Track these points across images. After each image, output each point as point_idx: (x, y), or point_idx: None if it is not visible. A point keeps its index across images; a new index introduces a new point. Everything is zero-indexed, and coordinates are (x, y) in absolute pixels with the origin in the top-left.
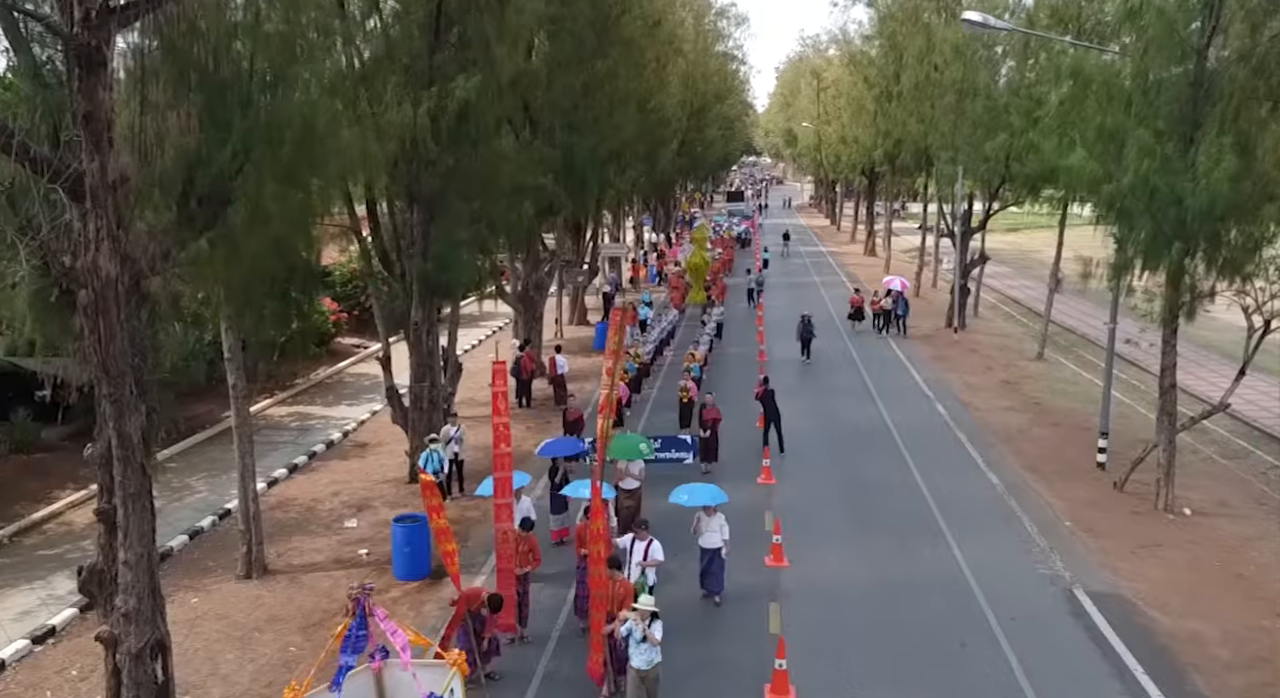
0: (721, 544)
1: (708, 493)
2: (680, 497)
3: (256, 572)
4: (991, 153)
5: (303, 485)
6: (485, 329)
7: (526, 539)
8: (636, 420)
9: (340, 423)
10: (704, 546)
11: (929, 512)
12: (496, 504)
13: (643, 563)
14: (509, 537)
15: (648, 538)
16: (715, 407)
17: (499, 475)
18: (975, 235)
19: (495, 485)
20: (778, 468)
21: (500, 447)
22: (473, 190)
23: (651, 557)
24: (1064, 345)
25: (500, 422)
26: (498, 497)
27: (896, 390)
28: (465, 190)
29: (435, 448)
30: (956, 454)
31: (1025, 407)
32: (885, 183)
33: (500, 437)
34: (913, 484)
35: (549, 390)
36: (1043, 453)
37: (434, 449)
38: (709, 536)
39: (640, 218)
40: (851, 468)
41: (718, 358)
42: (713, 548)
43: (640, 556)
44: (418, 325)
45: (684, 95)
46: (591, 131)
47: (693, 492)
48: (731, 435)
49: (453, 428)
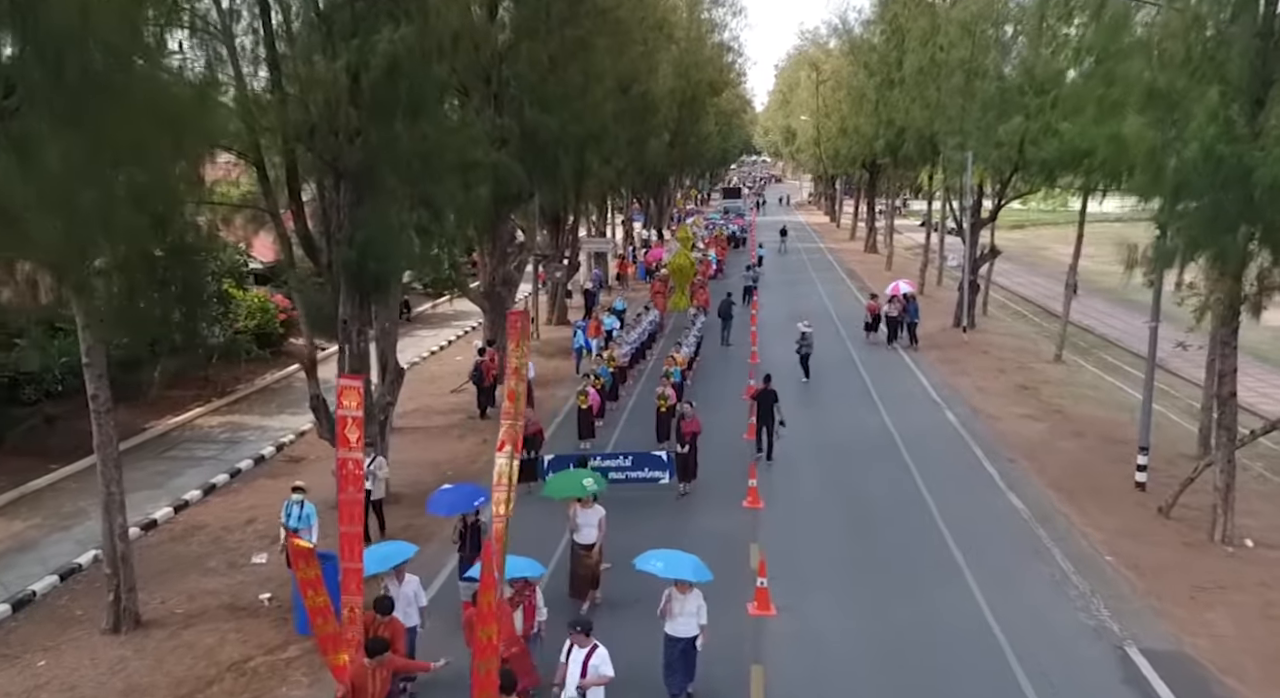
0: (697, 632)
1: (687, 565)
2: (652, 564)
3: (126, 625)
4: (1004, 137)
5: (217, 510)
6: (458, 328)
7: (388, 624)
8: (610, 432)
9: (277, 434)
10: (672, 633)
11: (942, 543)
12: (344, 569)
13: (583, 684)
14: (355, 618)
15: (589, 645)
16: (695, 417)
17: (347, 531)
18: (983, 229)
19: (341, 545)
20: (766, 487)
21: (348, 491)
22: (411, 167)
23: (594, 673)
24: (1082, 347)
25: (349, 457)
26: (344, 558)
27: (901, 396)
28: (401, 166)
29: (297, 499)
30: (971, 470)
31: (1045, 414)
32: (887, 176)
33: (348, 478)
34: (923, 508)
35: None
36: (1069, 469)
37: (294, 500)
38: (681, 621)
39: (630, 212)
40: (851, 487)
41: (703, 360)
42: (685, 638)
43: (578, 671)
44: (346, 324)
45: (676, 83)
46: (562, 108)
47: (669, 560)
48: (715, 449)
49: (365, 459)
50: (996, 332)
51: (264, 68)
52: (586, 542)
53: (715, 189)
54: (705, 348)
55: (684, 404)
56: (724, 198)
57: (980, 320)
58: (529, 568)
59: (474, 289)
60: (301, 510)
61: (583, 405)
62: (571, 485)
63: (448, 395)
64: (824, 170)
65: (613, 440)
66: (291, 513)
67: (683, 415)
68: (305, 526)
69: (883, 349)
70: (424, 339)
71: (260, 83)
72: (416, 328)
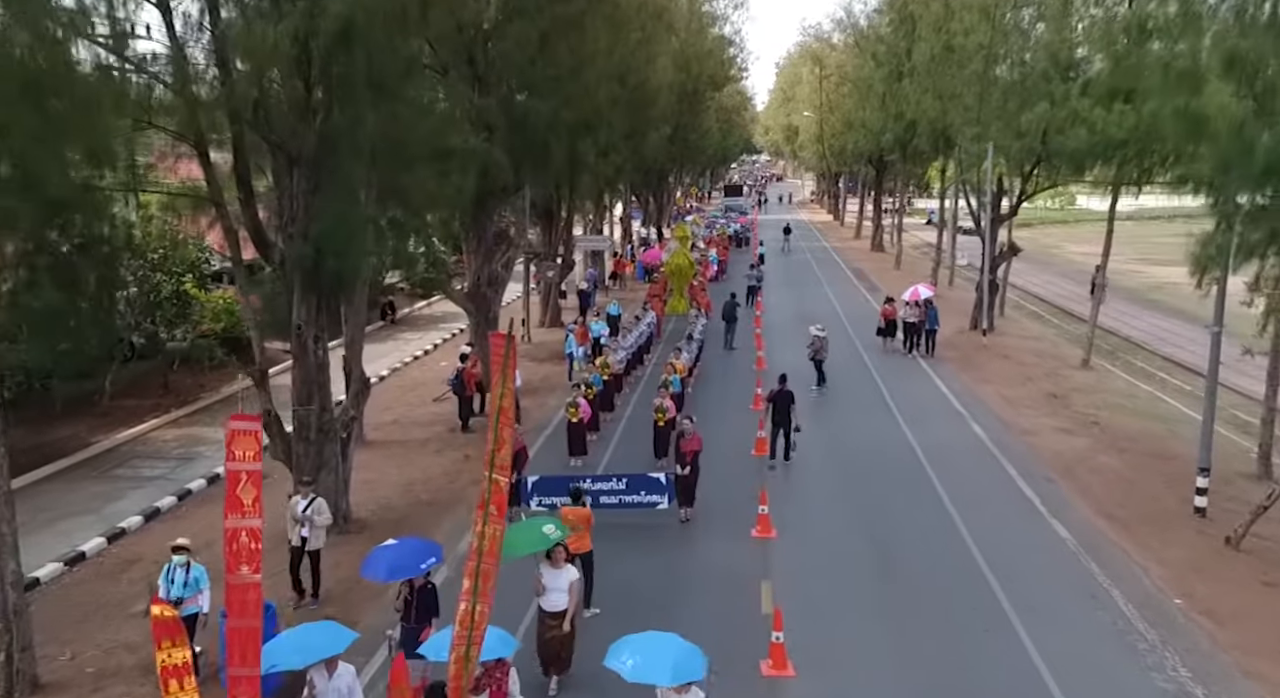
0: None
1: (665, 659)
2: (619, 661)
3: (20, 690)
4: (1027, 126)
5: (158, 539)
6: (445, 331)
7: None
8: (603, 448)
9: None
10: None
11: (982, 582)
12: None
13: None
14: None
15: None
16: (696, 434)
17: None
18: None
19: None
20: (778, 512)
21: (238, 571)
22: (375, 152)
23: None
24: (1108, 350)
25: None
26: (233, 662)
27: (921, 406)
28: (364, 151)
29: (180, 562)
30: (1005, 493)
31: (1080, 427)
32: (895, 172)
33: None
34: (955, 539)
35: None
36: (1116, 491)
37: (177, 563)
38: None
39: (629, 210)
40: (873, 512)
41: (705, 366)
42: None
43: None
44: (300, 330)
45: (675, 77)
46: (553, 93)
47: (645, 655)
48: (721, 467)
49: (302, 501)
50: (1016, 334)
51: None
52: (555, 609)
53: (716, 187)
54: (707, 353)
55: (684, 420)
56: (725, 195)
57: (997, 322)
58: (500, 645)
59: (458, 290)
60: (188, 575)
61: (573, 418)
62: (529, 539)
63: (429, 405)
64: (827, 167)
65: (606, 457)
66: (176, 579)
67: (682, 433)
68: (191, 593)
69: (898, 355)
70: (409, 343)
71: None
72: (401, 330)
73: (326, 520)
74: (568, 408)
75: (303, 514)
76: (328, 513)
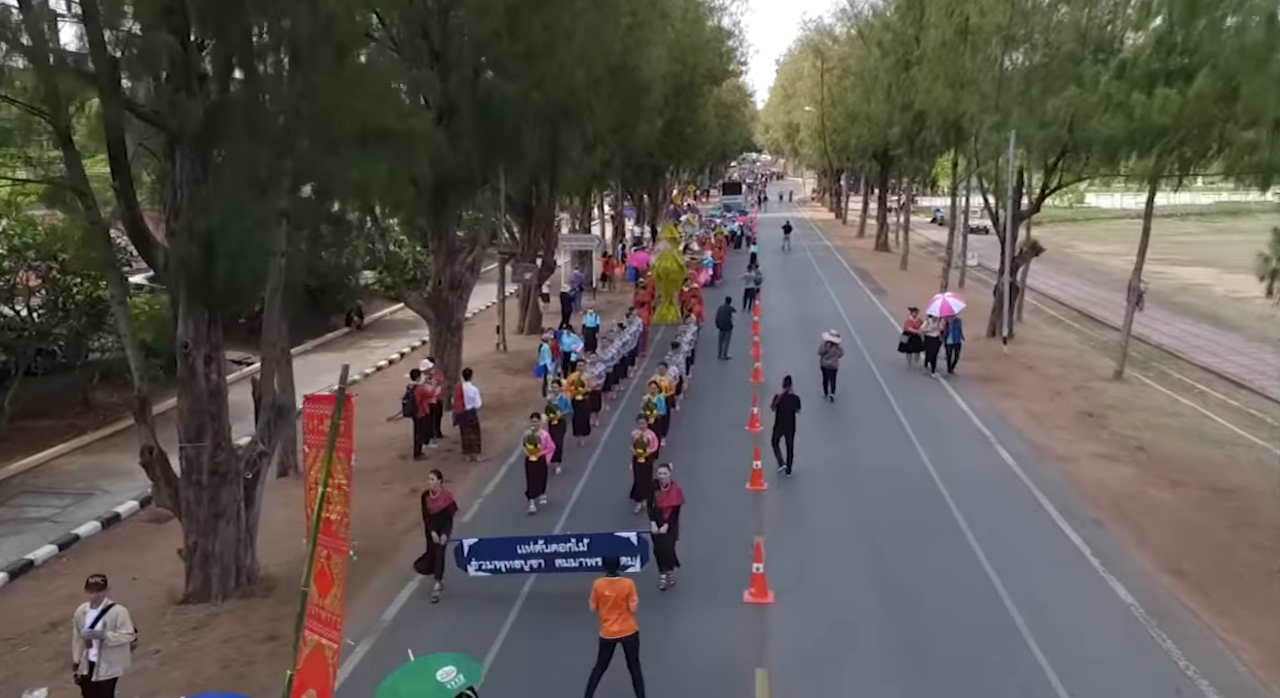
0: None
1: None
2: None
3: None
4: (1053, 113)
5: (19, 602)
6: (416, 337)
7: None
8: (571, 484)
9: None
10: None
11: (1034, 668)
12: None
13: None
14: None
15: None
16: (675, 485)
17: None
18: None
19: None
20: (776, 567)
21: None
22: (285, 132)
23: None
24: (1140, 360)
25: None
26: None
27: (939, 426)
28: (266, 130)
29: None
30: (1047, 540)
31: (1124, 452)
32: (901, 167)
33: None
34: (996, 606)
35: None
36: (1178, 537)
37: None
38: None
39: (621, 207)
40: (890, 568)
41: (695, 379)
42: None
43: None
44: (188, 349)
45: (670, 67)
46: (524, 73)
47: None
48: (710, 504)
49: (91, 612)
50: (1038, 342)
51: None
52: None
53: (716, 185)
54: (700, 364)
55: (660, 469)
56: (723, 193)
57: (1016, 328)
58: None
59: (416, 296)
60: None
61: (531, 457)
62: (420, 687)
63: (384, 424)
64: (829, 164)
65: (574, 496)
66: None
67: (658, 484)
68: None
69: (915, 368)
70: (374, 351)
71: None
72: (368, 337)
73: (125, 637)
74: (525, 444)
75: (90, 630)
76: (129, 625)
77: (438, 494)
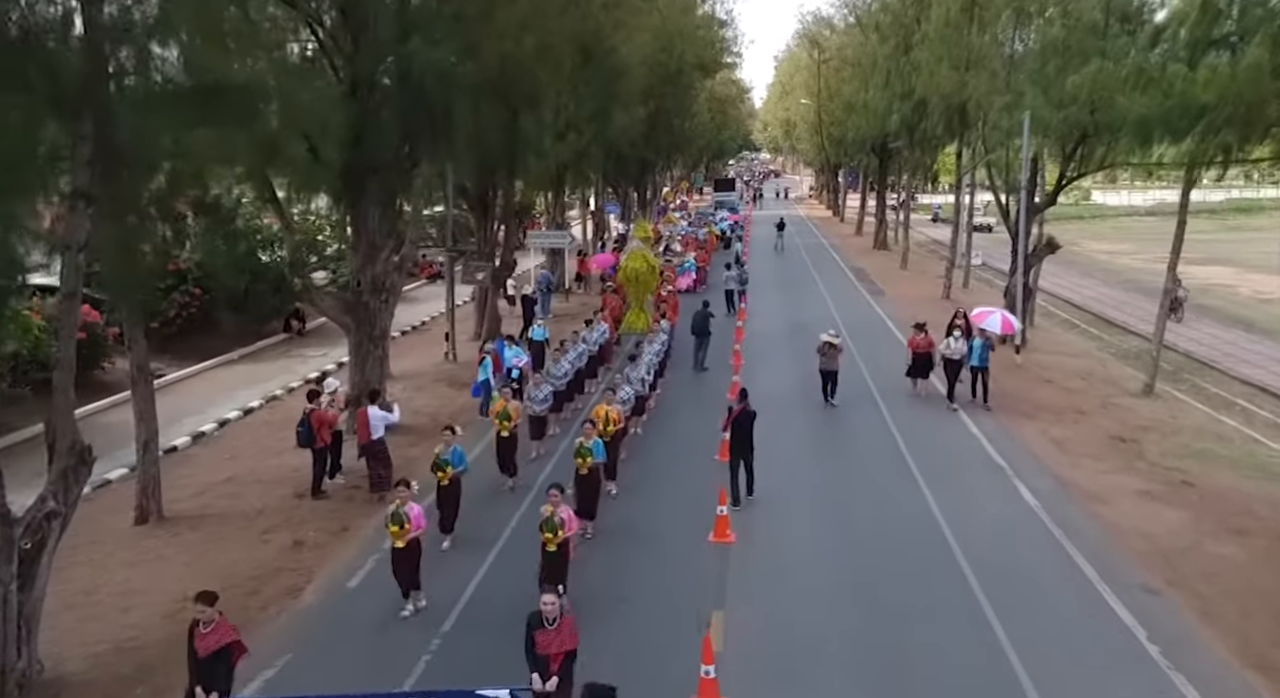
0: None
1: None
2: None
3: None
4: (1073, 91)
5: None
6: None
7: None
8: (474, 564)
9: None
10: None
11: None
12: None
13: None
14: None
15: None
16: (568, 619)
17: None
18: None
19: None
20: (742, 662)
21: None
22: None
23: None
24: (1169, 371)
25: None
26: None
27: (946, 456)
28: (38, 75)
29: None
30: (1091, 619)
31: (1168, 490)
32: (900, 162)
33: None
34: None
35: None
36: (1255, 611)
37: None
38: None
39: (602, 202)
40: (891, 673)
41: (663, 396)
42: None
43: None
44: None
45: (654, 52)
46: (452, 38)
47: None
48: (662, 560)
49: None
50: (1053, 350)
51: None
52: None
53: (710, 182)
54: (671, 376)
55: (545, 599)
56: (716, 190)
57: (1028, 334)
58: None
59: (331, 301)
60: None
61: (398, 543)
62: None
63: (288, 453)
64: (826, 159)
65: (469, 590)
66: None
67: (545, 620)
68: None
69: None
70: (307, 361)
71: None
72: (306, 344)
73: None
74: (388, 523)
75: None
76: None
77: (213, 627)
